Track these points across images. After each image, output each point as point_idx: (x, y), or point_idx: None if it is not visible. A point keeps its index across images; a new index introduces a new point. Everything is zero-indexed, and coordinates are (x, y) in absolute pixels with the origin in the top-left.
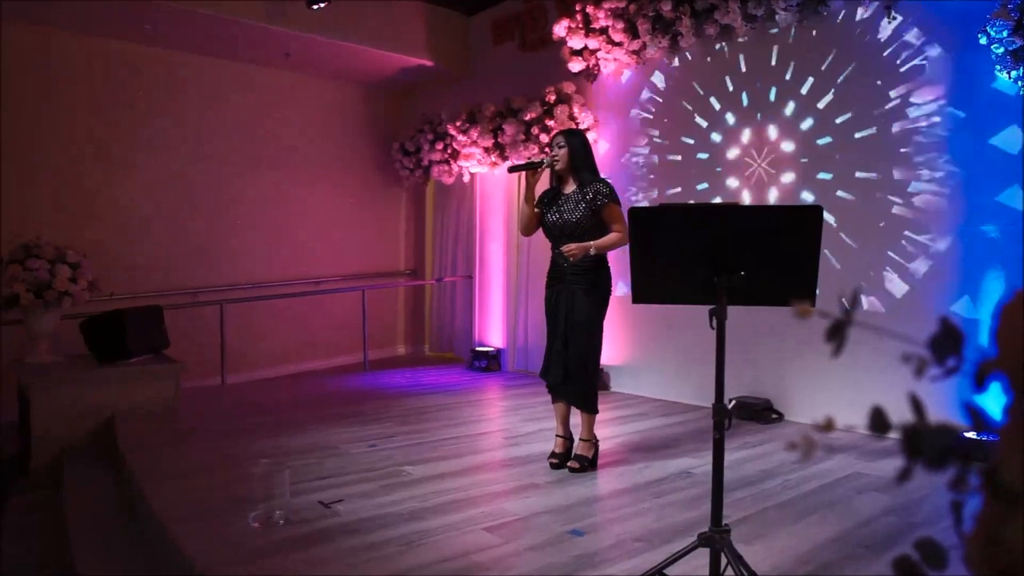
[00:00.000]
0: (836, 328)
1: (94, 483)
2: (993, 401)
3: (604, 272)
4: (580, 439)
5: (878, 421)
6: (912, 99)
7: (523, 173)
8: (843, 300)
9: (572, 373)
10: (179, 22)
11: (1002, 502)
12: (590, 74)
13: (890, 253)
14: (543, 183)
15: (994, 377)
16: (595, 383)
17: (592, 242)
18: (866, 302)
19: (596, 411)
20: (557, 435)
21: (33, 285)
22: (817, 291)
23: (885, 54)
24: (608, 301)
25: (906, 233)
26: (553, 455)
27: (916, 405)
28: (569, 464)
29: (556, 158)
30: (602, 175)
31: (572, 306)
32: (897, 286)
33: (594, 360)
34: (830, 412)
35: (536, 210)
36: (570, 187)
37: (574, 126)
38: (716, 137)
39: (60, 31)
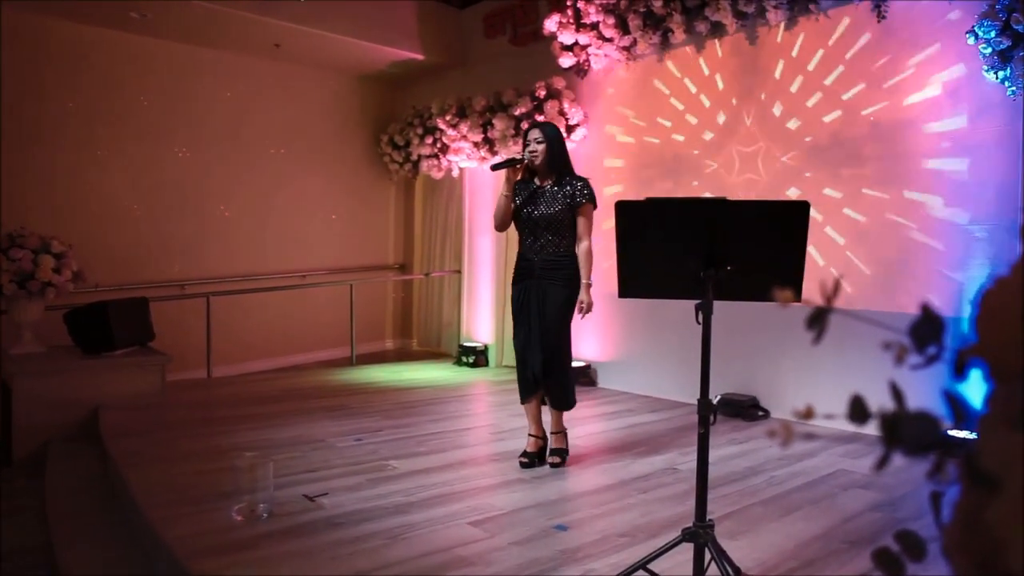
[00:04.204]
0: (817, 315)
1: (77, 472)
2: (974, 391)
3: (576, 267)
4: (552, 432)
5: (858, 410)
6: (901, 97)
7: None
8: (825, 286)
9: (549, 370)
10: (168, 10)
11: (981, 488)
12: (580, 69)
13: (878, 250)
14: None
15: (974, 364)
16: (571, 379)
17: (588, 283)
18: (851, 299)
19: (571, 406)
20: (530, 435)
21: (16, 275)
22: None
23: (875, 52)
24: (578, 296)
25: (894, 231)
26: (525, 455)
27: (896, 392)
28: (550, 461)
29: (535, 153)
30: (592, 171)
31: (545, 301)
32: (883, 283)
33: (569, 355)
34: (815, 410)
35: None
36: (546, 181)
37: (552, 120)
38: (707, 135)
39: (45, 17)
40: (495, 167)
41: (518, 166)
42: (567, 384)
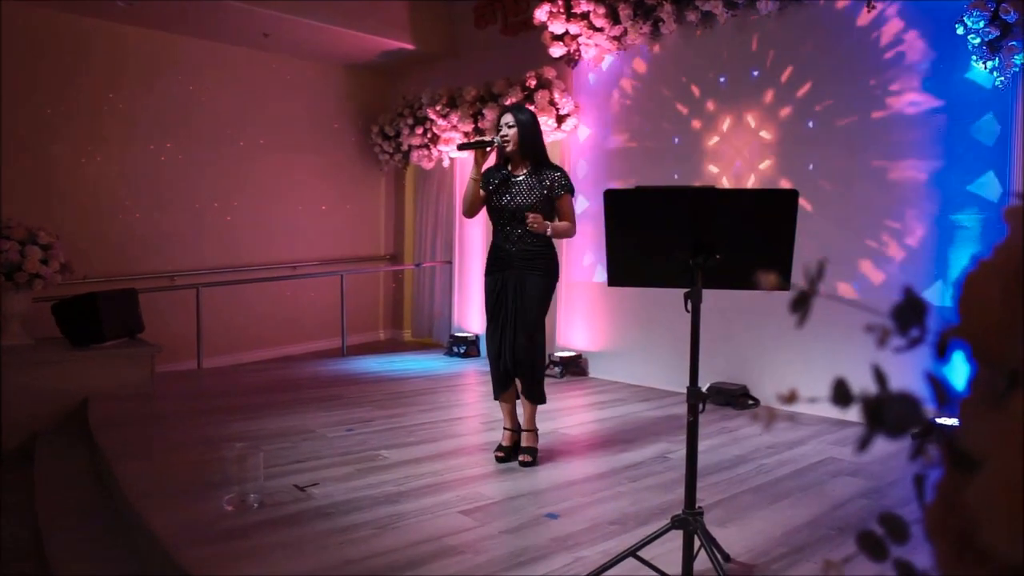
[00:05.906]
0: (800, 299)
1: (66, 464)
2: (957, 374)
3: (554, 257)
4: (526, 430)
5: (841, 393)
6: (891, 87)
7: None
8: (809, 270)
9: (521, 362)
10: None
11: (960, 468)
12: (571, 59)
13: (867, 241)
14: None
15: (956, 347)
16: (543, 373)
17: (550, 223)
18: (842, 288)
19: (544, 401)
20: (505, 428)
21: (3, 267)
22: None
23: (865, 42)
24: (555, 286)
25: (883, 221)
26: (500, 448)
27: (878, 375)
28: (521, 459)
29: (506, 138)
30: (583, 161)
31: (523, 292)
32: (872, 273)
33: (543, 346)
34: (806, 398)
35: (482, 192)
36: (521, 170)
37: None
38: (696, 123)
39: (32, 6)
40: (461, 147)
41: (488, 149)
42: (539, 376)
